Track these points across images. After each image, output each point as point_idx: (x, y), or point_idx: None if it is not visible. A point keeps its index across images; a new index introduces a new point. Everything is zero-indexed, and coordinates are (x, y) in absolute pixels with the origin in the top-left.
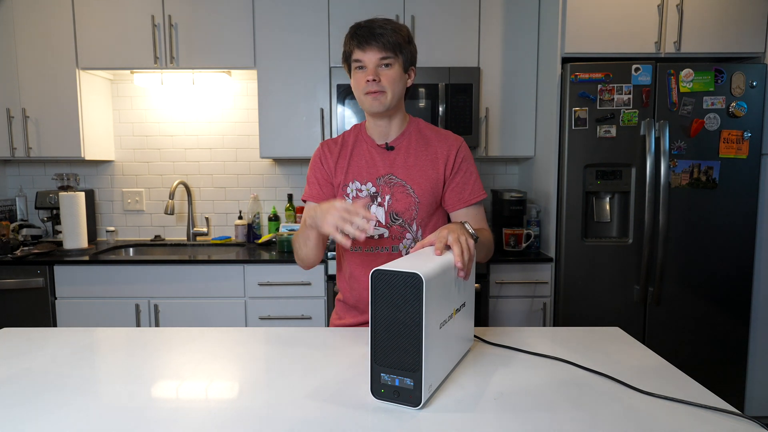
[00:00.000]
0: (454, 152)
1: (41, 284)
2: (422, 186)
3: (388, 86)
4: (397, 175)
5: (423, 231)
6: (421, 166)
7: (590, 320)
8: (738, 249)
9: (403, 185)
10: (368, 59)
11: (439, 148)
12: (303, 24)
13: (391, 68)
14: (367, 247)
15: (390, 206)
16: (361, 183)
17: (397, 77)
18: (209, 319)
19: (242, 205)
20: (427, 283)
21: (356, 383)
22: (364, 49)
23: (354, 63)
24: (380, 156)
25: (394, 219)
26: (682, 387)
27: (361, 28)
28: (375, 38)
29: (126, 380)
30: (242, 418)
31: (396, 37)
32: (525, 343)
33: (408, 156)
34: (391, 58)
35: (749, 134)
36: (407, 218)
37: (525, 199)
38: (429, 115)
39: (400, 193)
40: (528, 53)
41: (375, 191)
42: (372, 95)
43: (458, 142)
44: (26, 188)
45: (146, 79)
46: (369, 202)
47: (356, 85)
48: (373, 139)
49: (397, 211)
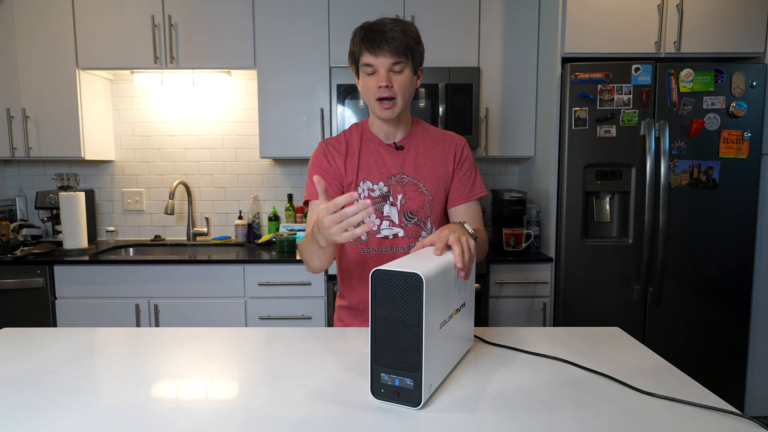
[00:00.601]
0: (460, 149)
1: (41, 284)
2: (434, 183)
3: (400, 92)
4: (408, 174)
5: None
6: (431, 164)
7: (590, 320)
8: (738, 249)
9: (415, 183)
10: (380, 64)
11: (447, 145)
12: (303, 24)
13: (403, 73)
14: (382, 248)
15: (403, 205)
16: (372, 182)
17: (409, 82)
18: (209, 319)
19: (242, 205)
20: (427, 283)
21: (356, 383)
22: (376, 54)
23: (364, 67)
24: (390, 155)
25: (408, 218)
26: (682, 387)
27: (372, 32)
28: (387, 42)
29: (126, 380)
30: (242, 418)
31: (407, 40)
32: (525, 343)
33: (418, 155)
34: (403, 62)
35: (749, 134)
36: (422, 216)
37: (525, 199)
38: (429, 115)
39: (413, 192)
40: (528, 53)
41: (387, 191)
42: (384, 104)
43: (462, 141)
44: (26, 188)
45: (146, 79)
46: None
47: (366, 89)
48: (380, 138)
49: (411, 210)
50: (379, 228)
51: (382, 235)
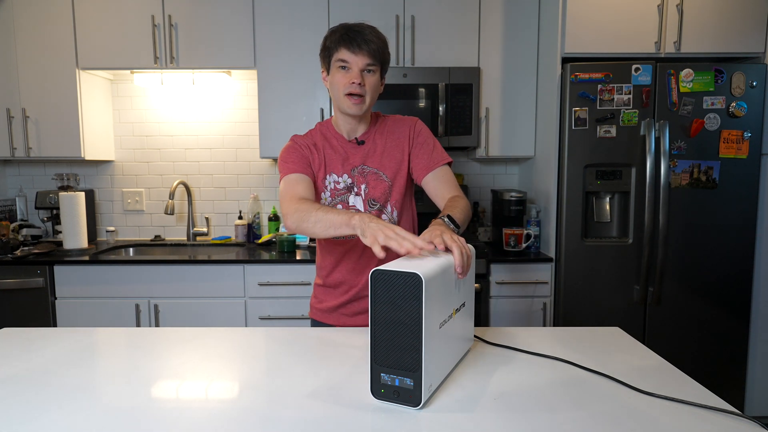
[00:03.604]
0: (413, 128)
1: (41, 284)
2: (393, 169)
3: (369, 91)
4: (369, 165)
5: (398, 211)
6: (389, 152)
7: (590, 320)
8: (738, 249)
9: (376, 172)
10: (355, 63)
11: (401, 130)
12: (303, 23)
13: (374, 75)
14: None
15: (367, 194)
16: (337, 175)
17: (377, 84)
18: (209, 319)
19: (242, 205)
20: (427, 283)
21: (356, 383)
22: (355, 53)
23: (338, 62)
24: (352, 150)
25: (372, 205)
26: (682, 387)
27: (352, 31)
28: (366, 44)
29: (126, 380)
30: (242, 417)
31: (382, 46)
32: (525, 343)
33: (376, 146)
34: (375, 65)
35: (749, 134)
36: (382, 202)
37: (525, 199)
38: (429, 115)
39: (374, 181)
40: (528, 53)
41: (351, 182)
42: (353, 99)
43: (414, 120)
44: (26, 188)
45: (146, 79)
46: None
47: (337, 84)
48: (342, 135)
49: (374, 198)
50: None
51: None
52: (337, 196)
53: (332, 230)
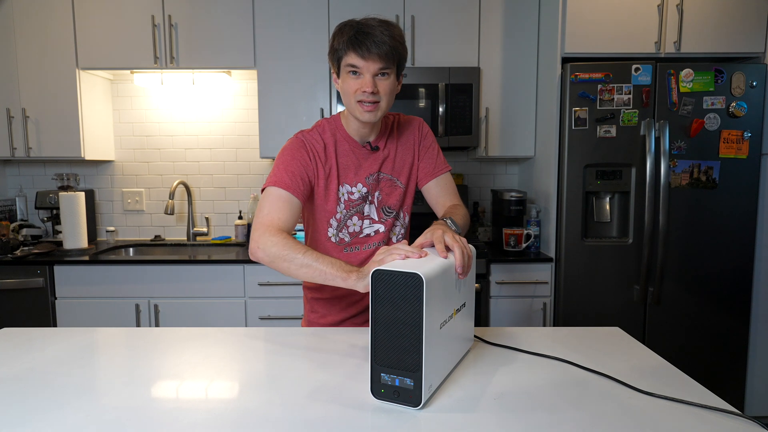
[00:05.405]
0: (419, 132)
1: (41, 284)
2: (405, 174)
3: (384, 97)
4: (385, 171)
5: (409, 216)
6: (401, 156)
7: (590, 320)
8: (738, 249)
9: (390, 179)
10: (366, 68)
11: (409, 133)
12: (303, 24)
13: (388, 78)
14: (365, 245)
15: (380, 201)
16: (350, 185)
17: (393, 87)
18: (209, 319)
19: (242, 205)
20: (428, 283)
21: (356, 383)
22: (365, 58)
23: (348, 67)
24: (365, 156)
25: (387, 212)
26: (682, 387)
27: (361, 33)
28: (377, 47)
29: (126, 380)
30: (242, 418)
31: (395, 44)
32: (525, 343)
33: (389, 152)
34: (389, 68)
35: (749, 134)
36: (397, 209)
37: (525, 199)
38: (429, 115)
39: (389, 187)
40: (528, 53)
41: (366, 191)
42: (366, 107)
43: (419, 122)
44: (26, 188)
45: (146, 79)
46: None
47: (348, 90)
48: (354, 138)
49: (389, 205)
50: (361, 228)
51: (364, 234)
52: (352, 208)
53: (320, 280)
